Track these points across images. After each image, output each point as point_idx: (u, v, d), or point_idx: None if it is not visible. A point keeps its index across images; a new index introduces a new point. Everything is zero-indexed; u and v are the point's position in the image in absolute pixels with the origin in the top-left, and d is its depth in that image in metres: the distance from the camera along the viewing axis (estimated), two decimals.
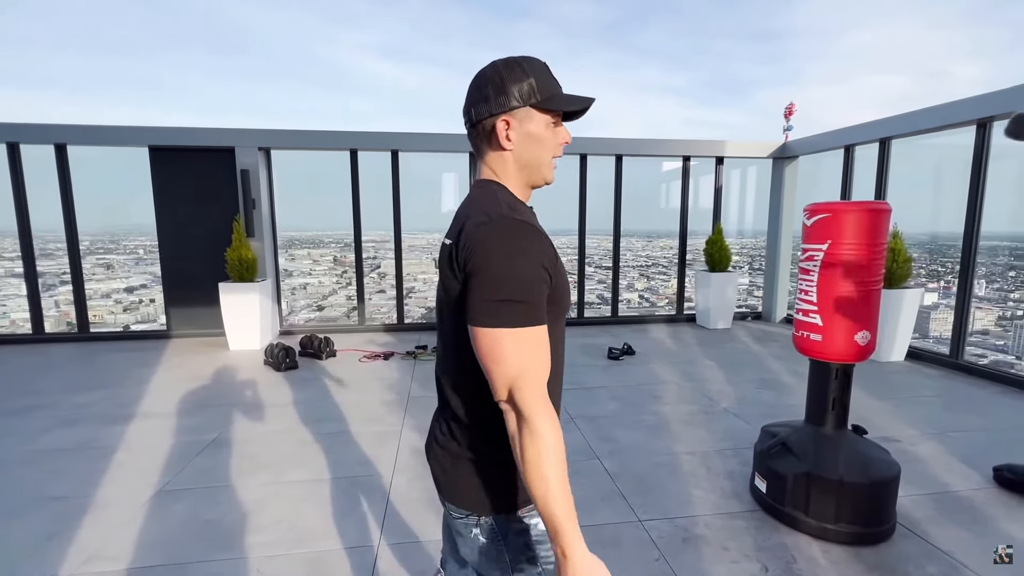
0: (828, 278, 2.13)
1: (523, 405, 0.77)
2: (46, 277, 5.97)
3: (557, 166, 0.96)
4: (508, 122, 0.88)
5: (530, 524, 0.93)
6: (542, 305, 0.81)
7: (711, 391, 4.01)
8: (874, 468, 2.12)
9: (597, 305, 7.45)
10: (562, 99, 0.90)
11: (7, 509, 2.36)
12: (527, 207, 0.94)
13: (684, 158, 6.61)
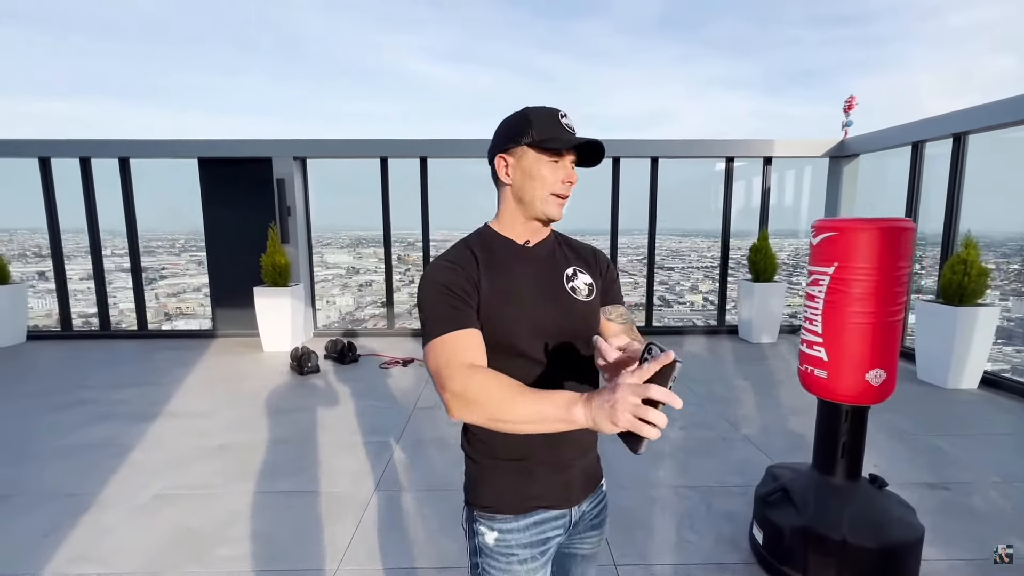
0: (834, 306, 1.85)
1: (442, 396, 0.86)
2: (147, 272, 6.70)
3: (565, 204, 1.02)
4: (506, 159, 1.00)
5: (480, 531, 0.99)
6: (452, 313, 0.92)
7: (735, 415, 3.68)
8: (888, 529, 1.81)
9: (658, 307, 7.17)
10: (557, 141, 0.96)
11: (25, 503, 2.55)
12: (505, 241, 1.03)
13: (727, 159, 6.17)
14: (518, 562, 0.98)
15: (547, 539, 1.01)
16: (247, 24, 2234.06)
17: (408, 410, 3.82)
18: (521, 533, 0.98)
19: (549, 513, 1.00)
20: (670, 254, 7.63)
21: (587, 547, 1.10)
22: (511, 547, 0.98)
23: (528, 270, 1.02)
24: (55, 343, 5.99)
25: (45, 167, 6.02)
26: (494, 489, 0.99)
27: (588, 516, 1.07)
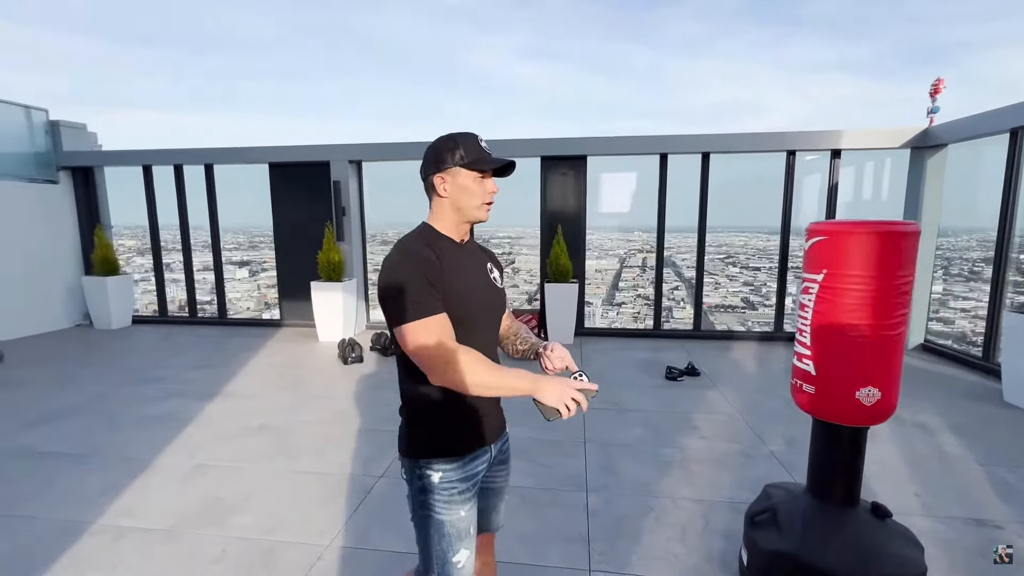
0: (823, 317, 1.70)
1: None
2: (252, 265, 7.65)
3: (490, 208, 1.28)
4: (443, 178, 1.23)
5: (425, 475, 1.23)
6: (428, 299, 1.14)
7: (766, 429, 3.45)
8: (880, 562, 1.64)
9: (741, 310, 6.88)
10: (483, 162, 1.22)
11: (96, 463, 3.00)
12: (445, 239, 1.26)
13: (788, 153, 5.72)
14: (458, 493, 1.24)
15: (476, 473, 1.29)
16: (325, 31, 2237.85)
17: None
18: (459, 471, 1.25)
19: (477, 452, 1.28)
20: (757, 253, 7.23)
21: (499, 481, 1.42)
22: (453, 483, 1.24)
23: (468, 263, 1.29)
24: (154, 327, 6.88)
25: (148, 174, 6.92)
26: (436, 438, 1.25)
27: (499, 454, 1.39)
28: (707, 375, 4.65)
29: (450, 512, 1.23)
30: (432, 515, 1.23)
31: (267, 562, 2.13)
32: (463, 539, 1.25)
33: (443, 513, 1.23)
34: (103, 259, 6.57)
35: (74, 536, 2.30)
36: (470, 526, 1.26)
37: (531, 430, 3.43)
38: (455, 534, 1.24)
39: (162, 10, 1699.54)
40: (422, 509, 1.24)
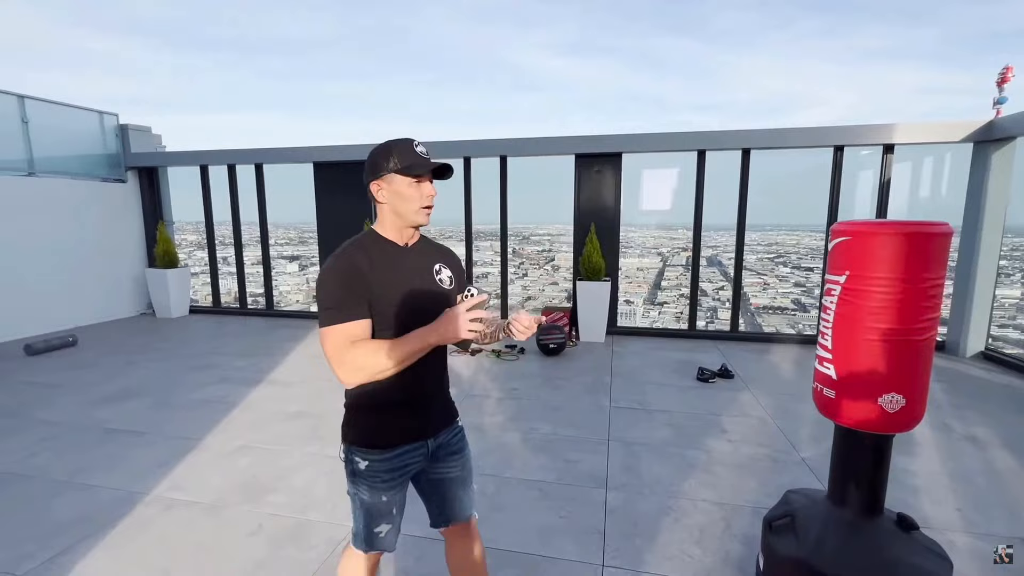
0: (845, 319, 1.65)
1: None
2: (301, 260, 8.11)
3: (431, 212, 1.34)
4: (380, 184, 1.29)
5: (355, 460, 1.34)
6: (348, 306, 1.22)
7: (799, 435, 3.34)
8: (900, 575, 1.59)
9: (791, 312, 6.68)
10: (415, 167, 1.26)
11: (153, 440, 3.27)
12: (387, 243, 1.33)
13: (836, 148, 5.46)
14: (381, 482, 1.34)
15: (406, 465, 1.37)
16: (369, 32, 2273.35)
17: (460, 397, 4.07)
18: (386, 462, 1.33)
19: (409, 446, 1.36)
20: (809, 252, 6.98)
21: (454, 471, 1.47)
22: (377, 472, 1.33)
23: (408, 264, 1.34)
24: (208, 316, 7.35)
25: (204, 173, 7.38)
26: (367, 430, 1.34)
27: (446, 446, 1.45)
28: (740, 378, 4.53)
29: (373, 496, 1.34)
30: (358, 495, 1.36)
31: (297, 538, 2.27)
32: (384, 516, 1.37)
33: (367, 495, 1.34)
34: (164, 253, 7.07)
35: (130, 505, 2.53)
36: (392, 508, 1.37)
37: (554, 426, 3.47)
38: (376, 513, 1.36)
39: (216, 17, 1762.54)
40: (352, 487, 1.37)
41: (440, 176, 1.33)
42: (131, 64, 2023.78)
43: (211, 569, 2.08)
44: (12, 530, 2.33)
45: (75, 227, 6.57)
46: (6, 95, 5.99)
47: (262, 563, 2.11)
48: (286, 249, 8.39)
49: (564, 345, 5.29)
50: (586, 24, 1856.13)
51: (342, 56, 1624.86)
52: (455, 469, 1.47)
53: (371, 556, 1.44)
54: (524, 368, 4.84)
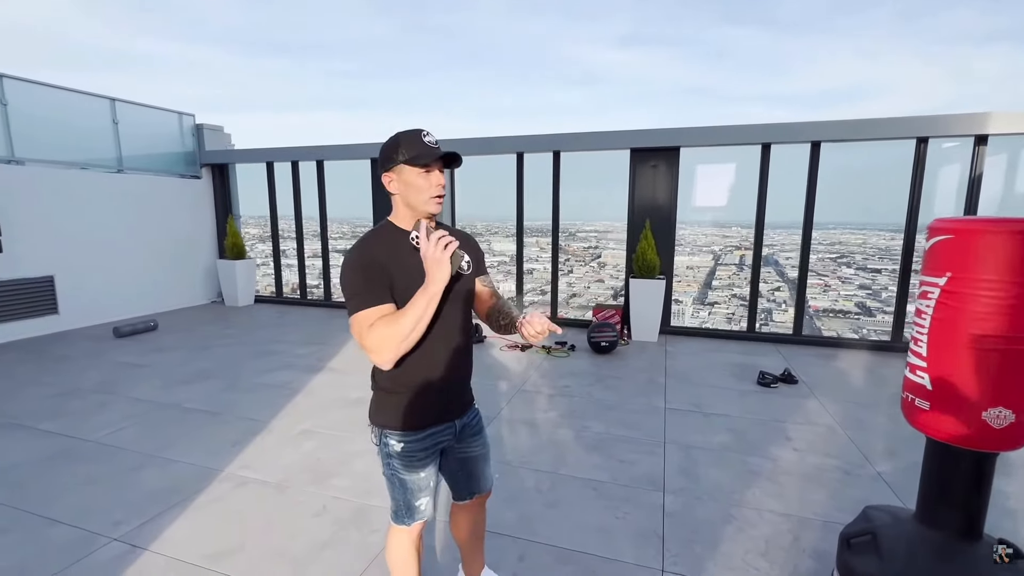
0: (943, 325, 1.52)
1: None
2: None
3: (442, 201, 1.36)
4: (390, 176, 1.35)
5: (390, 443, 1.43)
6: (371, 292, 1.29)
7: (872, 447, 3.12)
8: None
9: (855, 316, 6.33)
10: (422, 157, 1.30)
11: (227, 420, 3.49)
12: (403, 232, 1.37)
13: (919, 140, 5.05)
14: (418, 460, 1.44)
15: (437, 443, 1.48)
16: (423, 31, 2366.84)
17: (512, 392, 4.09)
18: (420, 442, 1.43)
19: (440, 426, 1.47)
20: (877, 253, 6.56)
21: (477, 449, 1.60)
22: (413, 452, 1.43)
23: (418, 253, 1.34)
24: (271, 306, 7.75)
25: (270, 169, 7.76)
26: (401, 413, 1.41)
27: (469, 427, 1.57)
28: (805, 384, 4.29)
29: (411, 473, 1.44)
30: (397, 474, 1.45)
31: (360, 521, 2.35)
32: (423, 490, 1.48)
33: (405, 474, 1.44)
34: (233, 245, 7.50)
35: (206, 481, 2.71)
36: (429, 481, 1.48)
37: (607, 425, 3.42)
38: (415, 488, 1.46)
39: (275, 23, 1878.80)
40: (389, 469, 1.46)
41: (449, 165, 1.36)
42: (200, 68, 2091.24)
43: (280, 545, 2.19)
44: (105, 497, 2.55)
45: (157, 220, 7.09)
46: (100, 98, 6.53)
47: (327, 543, 2.20)
48: (339, 244, 8.71)
49: (616, 343, 5.20)
50: (640, 15, 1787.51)
51: (397, 55, 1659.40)
52: (478, 447, 1.60)
53: (414, 528, 1.54)
54: (575, 365, 4.79)
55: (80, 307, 6.13)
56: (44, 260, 5.81)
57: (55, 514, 2.40)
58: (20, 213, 5.52)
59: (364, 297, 1.28)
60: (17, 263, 5.54)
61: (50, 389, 4.06)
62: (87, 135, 6.45)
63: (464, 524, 1.73)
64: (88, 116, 6.44)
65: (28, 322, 5.67)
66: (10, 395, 3.93)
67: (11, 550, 2.14)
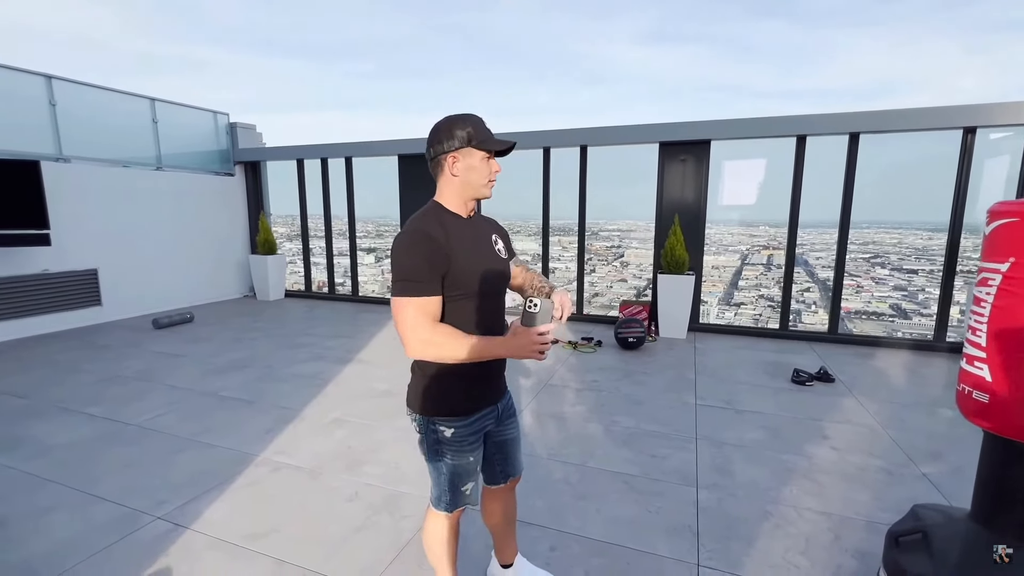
0: (1005, 313, 1.44)
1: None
2: (377, 252, 8.49)
3: (495, 186, 1.41)
4: (456, 157, 1.34)
5: (439, 430, 1.42)
6: (424, 281, 1.27)
7: (917, 447, 3.00)
8: None
9: (889, 318, 6.12)
10: (492, 142, 1.35)
11: (261, 408, 3.57)
12: (453, 216, 1.38)
13: (966, 131, 4.83)
14: (468, 445, 1.45)
15: (483, 427, 1.50)
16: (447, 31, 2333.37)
17: (539, 386, 4.07)
18: (468, 427, 1.45)
19: (484, 411, 1.48)
20: (914, 253, 6.32)
21: (512, 432, 1.61)
22: (464, 437, 1.44)
23: (472, 235, 1.40)
24: (301, 300, 7.91)
25: (300, 167, 7.92)
26: (450, 400, 1.42)
27: (507, 409, 1.59)
28: (843, 382, 4.15)
29: (461, 458, 1.45)
30: (446, 460, 1.45)
31: (391, 507, 2.37)
32: (471, 475, 1.49)
33: (455, 459, 1.45)
34: (264, 241, 7.68)
35: (243, 465, 2.77)
36: (476, 465, 1.50)
37: (637, 420, 3.37)
38: (463, 473, 1.47)
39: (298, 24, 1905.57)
40: (437, 456, 1.45)
41: (503, 154, 1.40)
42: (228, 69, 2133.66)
43: (314, 529, 2.22)
44: (148, 478, 2.64)
45: (193, 216, 7.31)
46: (141, 98, 6.77)
47: (360, 527, 2.23)
48: (364, 242, 8.83)
49: (643, 339, 5.13)
50: (666, 12, 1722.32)
51: (420, 55, 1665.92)
52: (512, 430, 1.62)
53: (455, 514, 1.55)
54: (602, 360, 4.75)
55: (121, 299, 6.37)
56: (89, 254, 6.05)
57: (101, 492, 2.49)
58: (67, 209, 5.76)
59: (420, 284, 1.26)
60: (64, 257, 5.79)
61: (93, 376, 4.22)
62: (128, 134, 6.69)
63: (497, 509, 1.73)
64: (129, 116, 6.68)
65: (74, 313, 5.92)
66: (57, 381, 4.11)
67: (61, 526, 2.24)
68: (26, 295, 5.51)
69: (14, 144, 5.49)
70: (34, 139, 5.69)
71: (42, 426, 3.25)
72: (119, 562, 2.01)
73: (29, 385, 4.00)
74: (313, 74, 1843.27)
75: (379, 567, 1.99)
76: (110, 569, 1.97)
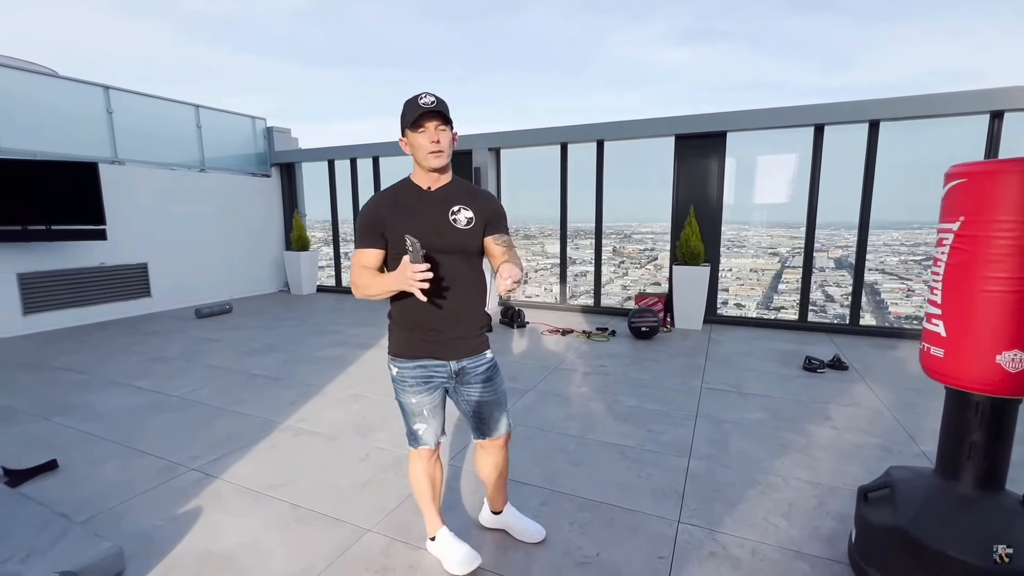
0: (957, 270, 1.51)
1: None
2: None
3: (440, 155, 1.57)
4: (404, 139, 1.61)
5: (391, 368, 1.73)
6: (363, 238, 1.62)
7: (922, 429, 2.99)
8: (1017, 555, 1.42)
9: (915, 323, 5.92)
10: (409, 116, 1.55)
11: (286, 384, 3.85)
12: (414, 187, 1.65)
13: (992, 115, 4.69)
14: (409, 386, 1.69)
15: (430, 376, 1.68)
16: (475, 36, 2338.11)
17: (548, 370, 4.21)
18: (410, 371, 1.68)
19: (430, 361, 1.67)
20: None
21: (487, 395, 1.74)
22: (405, 378, 1.69)
23: (422, 206, 1.61)
24: (331, 294, 8.29)
25: (331, 168, 8.33)
26: (397, 343, 1.70)
27: (473, 371, 1.71)
28: (856, 370, 4.12)
29: (404, 396, 1.70)
30: (397, 396, 1.74)
31: (397, 467, 2.57)
32: (417, 416, 1.72)
33: (400, 396, 1.72)
34: (298, 238, 8.11)
35: (269, 430, 3.04)
36: (422, 409, 1.71)
37: (640, 400, 3.47)
38: (410, 412, 1.73)
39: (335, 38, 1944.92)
40: (395, 392, 1.74)
41: (438, 117, 1.54)
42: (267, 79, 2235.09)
43: (328, 482, 2.45)
44: (186, 438, 2.93)
45: (233, 215, 7.80)
46: (186, 105, 7.30)
47: (368, 482, 2.44)
48: None
49: (656, 329, 5.19)
50: (701, 10, 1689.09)
51: (452, 60, 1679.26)
52: (488, 394, 1.74)
53: (421, 451, 1.79)
54: (614, 349, 4.85)
55: (168, 291, 6.88)
56: (139, 249, 6.57)
57: (145, 448, 2.80)
58: (121, 207, 6.29)
59: (358, 240, 1.62)
60: (118, 251, 6.32)
61: (141, 357, 4.63)
62: (175, 139, 7.22)
63: (486, 462, 1.89)
64: (176, 122, 7.22)
65: (126, 303, 6.44)
66: (110, 360, 4.53)
67: (112, 473, 2.54)
68: (85, 286, 6.04)
69: (76, 148, 6.05)
70: (93, 143, 6.25)
71: (97, 396, 3.63)
72: (158, 502, 2.29)
73: (86, 363, 4.43)
74: (348, 83, 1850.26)
75: (382, 513, 2.19)
76: (151, 506, 2.25)
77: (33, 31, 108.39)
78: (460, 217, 1.62)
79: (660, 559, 1.88)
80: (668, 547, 1.95)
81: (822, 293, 6.22)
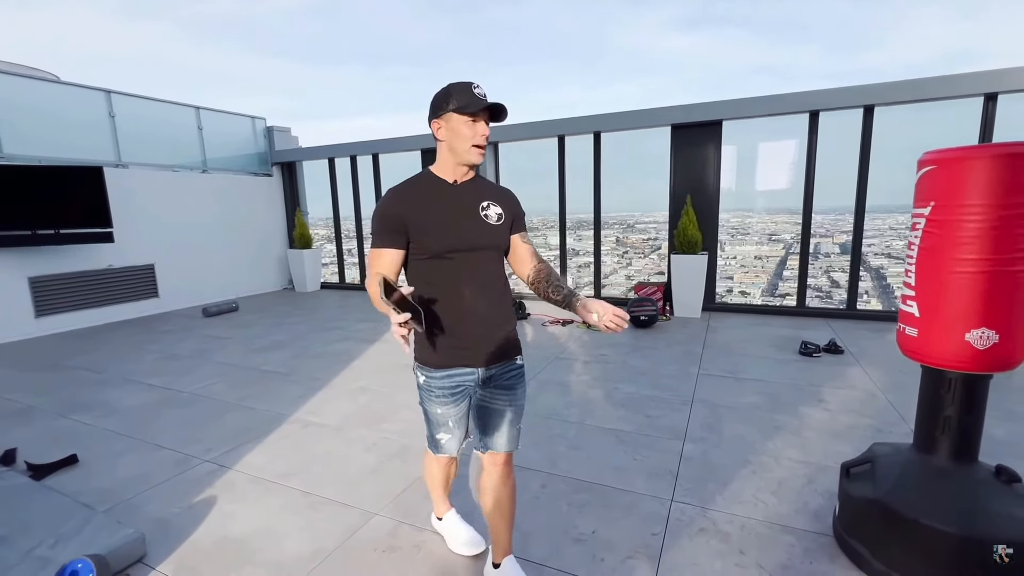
0: (929, 253, 1.58)
1: None
2: None
3: (483, 152, 1.46)
4: (439, 123, 1.44)
5: (418, 375, 1.58)
6: (381, 236, 1.45)
7: (912, 409, 3.02)
8: (985, 520, 1.50)
9: None
10: (471, 105, 1.38)
11: (293, 379, 3.97)
12: (438, 181, 1.49)
13: (986, 97, 4.71)
14: (436, 396, 1.55)
15: (457, 385, 1.54)
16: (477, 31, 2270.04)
17: (549, 359, 4.30)
18: (439, 381, 1.53)
19: (460, 370, 1.52)
20: None
21: (501, 403, 1.58)
22: (432, 387, 1.55)
23: (449, 200, 1.47)
24: (335, 291, 8.40)
25: (332, 166, 8.40)
26: (423, 351, 1.53)
27: (499, 377, 1.56)
28: (852, 354, 4.19)
29: (430, 405, 1.58)
30: (422, 404, 1.61)
31: (402, 455, 2.68)
32: (441, 426, 1.61)
33: (426, 404, 1.59)
34: (300, 236, 8.21)
35: (278, 423, 3.15)
36: (448, 420, 1.59)
37: (638, 387, 3.56)
38: (435, 422, 1.61)
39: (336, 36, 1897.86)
40: (420, 399, 1.61)
41: (496, 118, 1.43)
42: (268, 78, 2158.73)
43: (336, 469, 2.55)
44: (200, 432, 3.04)
45: (236, 215, 7.91)
46: (187, 107, 7.39)
47: (375, 470, 2.54)
48: None
49: (656, 318, 5.27)
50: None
51: (452, 56, 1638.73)
52: (502, 402, 1.56)
53: (440, 458, 1.72)
54: (613, 338, 4.93)
55: (175, 291, 7.01)
56: (146, 251, 6.69)
57: (161, 442, 2.91)
58: (127, 210, 6.40)
59: (375, 237, 1.45)
60: (125, 253, 6.44)
61: (154, 355, 4.75)
62: (177, 140, 7.31)
63: (486, 487, 1.66)
64: (177, 124, 7.30)
65: (135, 304, 6.57)
66: (124, 358, 4.65)
67: (129, 466, 2.66)
68: (95, 287, 6.17)
69: (80, 153, 6.15)
70: (97, 147, 6.35)
71: (113, 393, 3.75)
72: (175, 492, 2.40)
73: (102, 362, 4.56)
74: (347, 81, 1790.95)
75: (389, 497, 2.29)
76: (168, 496, 2.36)
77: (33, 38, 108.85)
78: (491, 213, 1.50)
79: (653, 535, 1.98)
80: (661, 524, 2.04)
81: (827, 279, 6.26)
